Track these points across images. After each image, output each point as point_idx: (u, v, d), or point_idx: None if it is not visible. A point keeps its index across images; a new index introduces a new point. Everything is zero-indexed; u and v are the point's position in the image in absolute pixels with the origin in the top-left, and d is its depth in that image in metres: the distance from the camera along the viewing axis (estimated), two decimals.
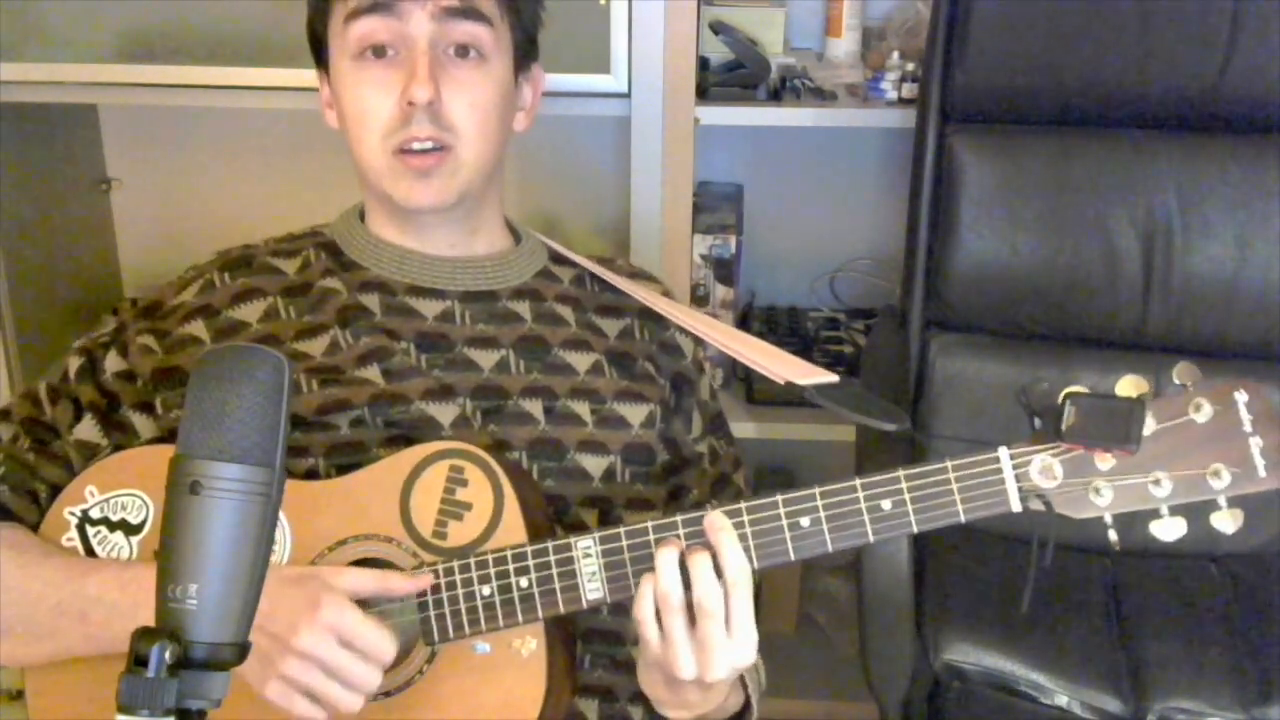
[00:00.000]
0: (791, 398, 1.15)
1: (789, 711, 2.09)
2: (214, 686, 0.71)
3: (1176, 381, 0.93)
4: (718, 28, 1.87)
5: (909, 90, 1.87)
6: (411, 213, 1.14)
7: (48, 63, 1.76)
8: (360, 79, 1.11)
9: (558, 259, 1.26)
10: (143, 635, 0.70)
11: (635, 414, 1.17)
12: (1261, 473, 0.91)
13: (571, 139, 2.08)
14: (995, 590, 1.62)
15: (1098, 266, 1.72)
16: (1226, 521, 0.92)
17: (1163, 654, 1.54)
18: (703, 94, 1.82)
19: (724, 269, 1.99)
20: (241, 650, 0.73)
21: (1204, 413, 0.92)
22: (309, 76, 1.20)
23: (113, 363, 1.16)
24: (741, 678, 1.11)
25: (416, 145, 1.09)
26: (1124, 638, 1.57)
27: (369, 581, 0.99)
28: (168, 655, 0.69)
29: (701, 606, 0.94)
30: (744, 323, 2.12)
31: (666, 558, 0.95)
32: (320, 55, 1.17)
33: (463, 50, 1.10)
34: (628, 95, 1.73)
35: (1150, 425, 0.91)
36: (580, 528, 1.11)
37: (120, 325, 1.19)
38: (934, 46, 1.73)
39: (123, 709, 0.68)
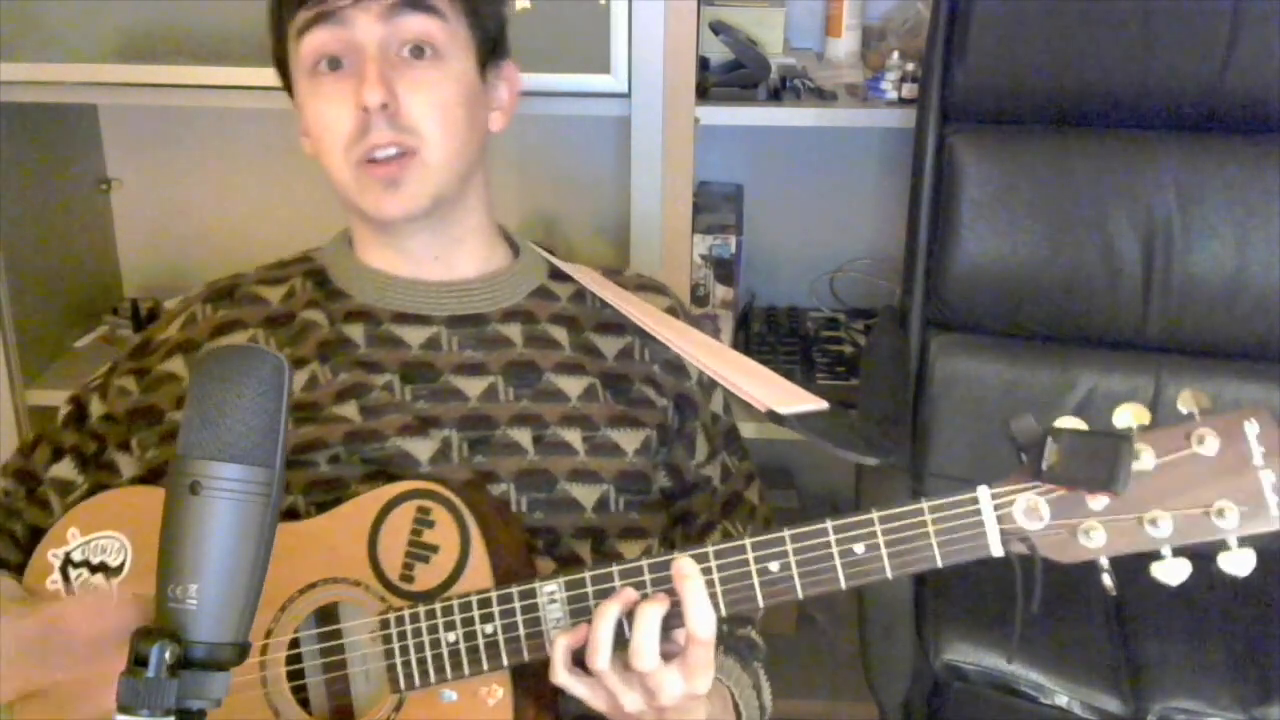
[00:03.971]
0: None
1: (789, 711, 2.08)
2: (214, 686, 0.72)
3: (1181, 409, 0.85)
4: (718, 28, 1.87)
5: (909, 90, 1.87)
6: (385, 224, 1.11)
7: (48, 63, 1.76)
8: (317, 93, 1.08)
9: (557, 275, 1.21)
10: (143, 635, 0.70)
11: (629, 440, 1.13)
12: (1273, 510, 0.83)
13: (571, 139, 2.08)
14: (995, 590, 1.61)
15: (1098, 266, 1.72)
16: (1236, 564, 0.85)
17: (1163, 654, 1.54)
18: (703, 94, 1.82)
19: (724, 269, 1.98)
20: (241, 650, 0.73)
21: (1208, 445, 0.84)
22: None
23: (96, 408, 1.16)
24: (734, 701, 1.09)
25: (379, 154, 1.06)
26: (1124, 638, 1.57)
27: None
28: (168, 655, 0.69)
29: (635, 664, 0.90)
30: (744, 323, 2.12)
31: (602, 634, 0.91)
32: (290, 85, 1.14)
33: (418, 50, 1.07)
34: (628, 95, 1.73)
35: (1149, 460, 0.84)
36: (573, 560, 1.08)
37: (111, 367, 1.18)
38: (934, 46, 1.73)
39: (123, 709, 0.69)
